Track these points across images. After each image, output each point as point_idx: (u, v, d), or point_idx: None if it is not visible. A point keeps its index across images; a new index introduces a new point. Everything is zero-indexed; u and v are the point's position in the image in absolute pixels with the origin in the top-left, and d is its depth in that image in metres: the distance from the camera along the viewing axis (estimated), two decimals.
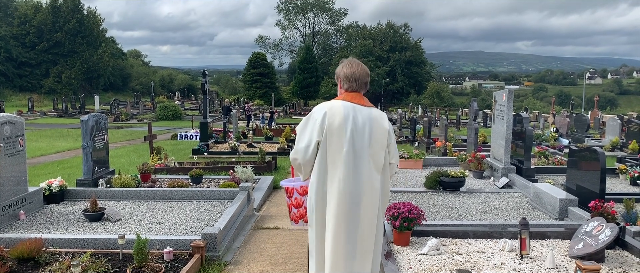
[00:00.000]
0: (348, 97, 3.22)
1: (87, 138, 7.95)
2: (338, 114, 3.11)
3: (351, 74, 3.25)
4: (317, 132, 3.11)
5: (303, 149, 3.15)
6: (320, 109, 3.18)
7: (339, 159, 3.08)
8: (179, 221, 6.10)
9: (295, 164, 3.25)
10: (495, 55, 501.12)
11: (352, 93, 3.25)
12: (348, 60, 3.39)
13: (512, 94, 8.58)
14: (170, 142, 18.70)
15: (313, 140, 3.12)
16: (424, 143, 16.36)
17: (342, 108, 3.14)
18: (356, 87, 3.26)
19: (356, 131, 3.10)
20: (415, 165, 9.83)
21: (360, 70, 3.28)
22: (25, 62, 53.52)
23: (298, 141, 3.20)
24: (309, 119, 3.19)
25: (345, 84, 3.27)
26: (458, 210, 6.83)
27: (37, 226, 5.88)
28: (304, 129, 3.19)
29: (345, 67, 3.30)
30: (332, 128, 3.09)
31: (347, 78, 3.26)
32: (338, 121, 3.09)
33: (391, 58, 69.96)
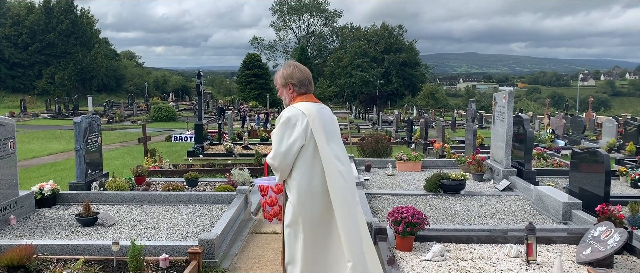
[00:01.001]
0: (308, 98, 3.37)
1: (80, 140, 7.77)
2: (314, 116, 3.25)
3: (304, 78, 3.39)
4: (301, 136, 3.21)
5: (283, 153, 3.22)
6: (297, 114, 3.26)
7: (328, 154, 3.21)
8: (175, 226, 5.94)
9: (273, 168, 3.31)
10: (489, 56, 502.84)
11: (308, 95, 3.40)
12: (293, 64, 3.48)
13: (513, 96, 8.47)
14: (164, 144, 18.51)
15: (296, 144, 3.20)
16: (420, 144, 16.25)
17: (313, 108, 3.29)
18: (310, 90, 3.42)
19: (330, 130, 3.31)
20: (414, 167, 9.70)
21: (307, 73, 3.44)
22: (17, 63, 53.13)
23: (278, 146, 3.24)
24: (286, 124, 3.25)
25: (301, 89, 3.38)
26: (459, 213, 6.70)
27: (28, 232, 5.70)
28: (283, 134, 3.25)
29: (296, 72, 3.40)
30: (315, 129, 3.21)
31: (302, 83, 3.38)
32: (317, 122, 3.23)
33: (386, 59, 69.96)
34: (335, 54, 73.89)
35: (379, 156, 11.72)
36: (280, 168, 3.27)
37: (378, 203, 7.17)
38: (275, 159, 3.26)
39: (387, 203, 7.17)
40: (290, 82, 3.39)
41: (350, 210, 3.22)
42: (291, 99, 3.42)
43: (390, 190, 8.10)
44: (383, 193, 7.73)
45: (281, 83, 3.44)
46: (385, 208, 6.87)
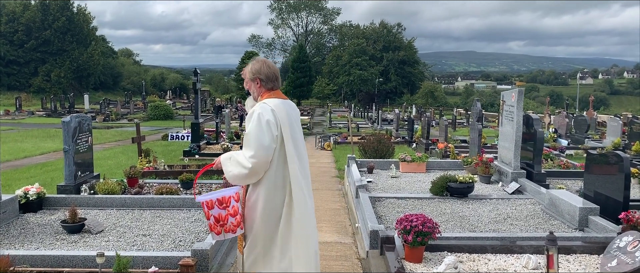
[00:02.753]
0: (276, 95, 3.45)
1: (69, 140, 7.39)
2: (282, 111, 3.34)
3: (272, 74, 3.47)
4: (275, 129, 3.28)
5: (267, 146, 3.24)
6: (267, 109, 3.32)
7: (292, 149, 3.32)
8: (167, 233, 5.57)
9: (259, 164, 3.24)
10: (487, 55, 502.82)
11: (275, 91, 3.49)
12: (261, 60, 3.54)
13: (523, 95, 8.11)
14: (160, 143, 18.14)
15: (274, 135, 3.27)
16: (422, 144, 15.89)
17: (281, 104, 3.38)
18: (277, 86, 3.50)
19: (294, 124, 3.41)
20: (418, 169, 9.33)
21: (276, 69, 3.53)
22: (13, 60, 52.68)
23: (259, 141, 3.24)
24: (259, 121, 3.27)
25: (269, 84, 3.46)
26: (469, 219, 6.34)
27: (10, 239, 5.32)
28: (260, 130, 3.26)
29: (264, 68, 3.47)
30: (283, 123, 3.31)
31: (269, 79, 3.46)
32: (284, 116, 3.33)
33: (384, 58, 69.64)
34: (333, 52, 73.56)
35: (381, 156, 11.35)
36: (258, 168, 3.25)
37: (382, 207, 6.80)
38: (255, 157, 3.22)
39: (391, 207, 6.80)
40: (258, 77, 3.46)
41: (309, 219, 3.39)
42: (259, 94, 3.50)
43: (394, 192, 7.73)
44: (387, 196, 7.36)
45: (249, 78, 3.50)
46: (390, 213, 6.51)
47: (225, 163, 3.35)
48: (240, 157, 3.28)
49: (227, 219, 3.34)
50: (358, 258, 5.42)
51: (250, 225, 3.39)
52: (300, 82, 62.87)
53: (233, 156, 3.34)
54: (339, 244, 5.94)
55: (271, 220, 3.34)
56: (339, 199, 8.59)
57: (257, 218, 3.35)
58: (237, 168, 3.27)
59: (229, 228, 3.35)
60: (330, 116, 33.47)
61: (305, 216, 3.36)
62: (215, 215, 3.30)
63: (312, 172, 11.88)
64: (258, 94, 3.50)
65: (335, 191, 9.27)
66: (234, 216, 3.34)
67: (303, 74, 63.10)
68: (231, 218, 3.34)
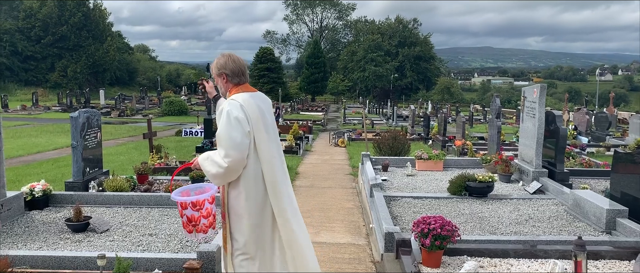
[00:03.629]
0: (244, 89, 3.37)
1: (77, 136, 7.23)
2: (252, 105, 3.26)
3: (238, 69, 3.37)
4: (245, 125, 3.19)
5: (240, 143, 3.15)
6: (236, 106, 3.23)
7: (270, 142, 3.29)
8: (174, 233, 5.38)
9: (235, 163, 3.16)
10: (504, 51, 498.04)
11: (243, 85, 3.40)
12: (227, 55, 3.44)
13: (545, 90, 7.78)
14: (174, 139, 18.06)
15: (246, 131, 3.18)
16: (438, 141, 15.57)
17: (250, 98, 3.30)
18: (245, 80, 3.41)
19: (266, 116, 3.34)
20: (435, 167, 9.04)
21: (243, 63, 3.43)
22: (30, 56, 53.12)
23: (231, 140, 3.15)
24: (229, 118, 3.19)
25: (235, 79, 3.37)
26: (489, 220, 6.06)
27: (13, 238, 5.16)
28: (230, 128, 3.18)
29: (229, 63, 3.38)
30: (254, 118, 3.23)
31: (235, 73, 3.37)
32: (255, 111, 3.25)
33: (400, 53, 69.05)
34: (348, 48, 73.15)
35: (397, 154, 11.06)
36: (235, 167, 3.17)
37: (398, 207, 6.54)
38: (229, 156, 3.14)
39: (407, 207, 6.54)
40: (223, 72, 3.38)
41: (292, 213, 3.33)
42: (227, 90, 3.42)
43: (410, 192, 7.46)
44: (403, 195, 7.09)
45: (215, 73, 3.44)
46: (406, 213, 6.25)
47: (204, 162, 3.28)
48: (216, 157, 3.20)
49: (199, 220, 3.40)
50: (372, 261, 5.17)
51: (236, 222, 3.31)
52: (314, 78, 62.64)
53: (210, 156, 3.27)
54: (352, 246, 5.70)
55: (256, 215, 3.27)
56: (353, 197, 8.34)
57: (242, 215, 3.28)
58: (215, 167, 3.20)
59: (201, 228, 3.42)
60: (345, 112, 33.19)
61: (292, 208, 3.34)
62: (188, 215, 3.36)
63: (325, 169, 11.70)
64: (226, 90, 3.44)
65: (348, 189, 9.02)
66: (206, 218, 3.39)
67: (317, 69, 62.86)
68: (203, 219, 3.39)
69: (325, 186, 9.37)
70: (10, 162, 12.08)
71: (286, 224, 3.28)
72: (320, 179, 10.13)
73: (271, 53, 61.71)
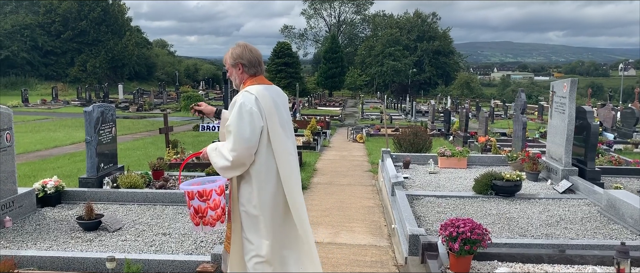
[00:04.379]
0: (259, 81, 3.24)
1: (90, 131, 7.09)
2: (266, 98, 3.13)
3: (254, 60, 3.26)
4: (258, 118, 3.06)
5: (248, 138, 3.03)
6: (250, 98, 3.10)
7: (282, 137, 3.14)
8: (188, 232, 5.17)
9: (241, 157, 3.04)
10: (525, 45, 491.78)
11: (258, 77, 3.27)
12: (242, 45, 3.32)
13: (575, 85, 7.42)
14: (191, 134, 17.95)
15: (257, 126, 3.05)
16: (459, 137, 15.20)
17: (265, 90, 3.17)
18: (260, 71, 3.29)
19: (282, 110, 3.22)
20: (459, 164, 8.72)
21: (258, 54, 3.31)
22: (50, 50, 53.63)
23: (240, 133, 3.03)
24: (241, 111, 3.06)
25: (251, 70, 3.25)
26: (517, 221, 5.75)
27: (23, 236, 5.00)
28: (241, 121, 3.05)
29: (246, 53, 3.25)
30: (268, 111, 3.11)
31: (251, 64, 3.25)
32: (270, 104, 3.13)
33: (418, 48, 68.38)
34: (366, 43, 72.63)
35: (418, 150, 10.74)
36: (241, 161, 3.05)
37: (421, 207, 6.26)
38: (235, 150, 3.03)
39: (431, 207, 6.26)
40: (239, 62, 3.24)
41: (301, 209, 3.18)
42: (241, 81, 3.30)
43: (433, 190, 7.17)
44: (426, 194, 6.81)
45: (230, 63, 3.29)
46: (429, 213, 5.97)
47: (211, 153, 3.17)
48: (224, 149, 3.09)
49: (206, 212, 3.25)
50: (395, 264, 4.90)
51: (248, 222, 3.16)
52: (332, 73, 62.30)
53: (218, 147, 3.15)
54: (374, 248, 5.43)
55: (270, 214, 3.14)
56: (373, 196, 8.07)
57: (255, 216, 3.13)
58: (221, 160, 3.08)
59: (208, 221, 3.27)
60: (363, 107, 32.86)
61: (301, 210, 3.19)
62: (195, 206, 3.22)
63: (344, 165, 11.43)
64: (240, 81, 3.30)
65: (368, 187, 8.75)
66: (213, 209, 3.24)
67: (335, 64, 62.50)
68: (211, 211, 3.24)
69: (344, 183, 9.11)
70: (28, 157, 12.05)
71: (301, 224, 3.17)
72: (339, 176, 9.87)
73: (289, 48, 61.45)
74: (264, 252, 3.12)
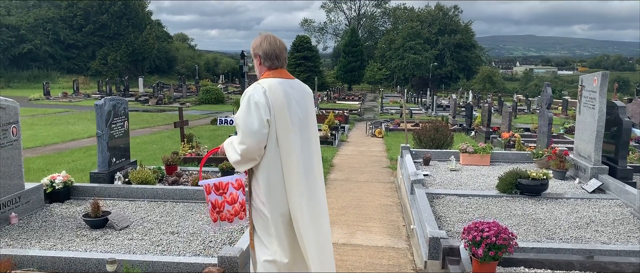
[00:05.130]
0: (277, 74, 3.09)
1: (102, 125, 6.91)
2: (278, 91, 2.98)
3: (271, 52, 3.10)
4: (265, 111, 2.93)
5: (257, 131, 2.92)
6: (258, 90, 2.98)
7: (291, 134, 2.99)
8: (197, 231, 4.96)
9: (249, 151, 2.93)
10: (548, 39, 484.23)
11: (277, 70, 3.12)
12: (264, 35, 3.17)
13: (607, 79, 7.02)
14: (208, 127, 17.83)
15: (263, 119, 2.92)
16: (482, 132, 14.80)
17: (279, 84, 3.02)
18: (278, 64, 3.12)
19: (298, 105, 3.05)
20: (482, 161, 8.38)
21: (279, 46, 3.13)
22: (72, 44, 54.13)
23: (247, 126, 2.93)
24: (249, 103, 2.95)
25: (267, 62, 3.11)
26: (544, 222, 5.43)
27: (27, 234, 4.84)
28: (248, 113, 2.95)
29: (264, 44, 3.11)
30: (277, 106, 2.96)
31: (268, 56, 3.09)
32: (280, 98, 2.97)
33: (440, 41, 67.49)
34: (386, 36, 71.94)
35: (438, 146, 10.40)
36: (250, 155, 2.95)
37: (441, 206, 5.97)
38: (244, 143, 2.93)
39: (452, 206, 5.96)
40: (257, 53, 3.12)
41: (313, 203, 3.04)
42: (260, 73, 3.15)
43: (455, 189, 6.86)
44: (447, 193, 6.51)
45: (252, 54, 3.18)
46: (450, 213, 5.68)
47: (226, 147, 3.09)
48: (235, 142, 3.01)
49: (223, 206, 3.17)
50: (414, 269, 4.63)
51: (256, 216, 3.09)
52: (351, 67, 61.88)
53: (232, 141, 3.06)
54: (391, 250, 5.16)
55: (276, 211, 3.02)
56: (391, 193, 7.79)
57: (261, 210, 3.05)
58: (233, 154, 3.00)
59: (225, 216, 3.19)
60: (382, 101, 32.47)
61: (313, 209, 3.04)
62: (212, 200, 3.15)
63: (362, 161, 11.16)
64: (260, 73, 3.16)
65: (386, 184, 8.47)
66: (231, 204, 3.17)
67: (355, 58, 62.05)
68: (228, 205, 3.17)
69: (361, 180, 8.84)
70: (44, 150, 12.01)
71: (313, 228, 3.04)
72: (356, 172, 9.60)
73: (308, 42, 61.12)
74: (271, 252, 3.03)
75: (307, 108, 3.13)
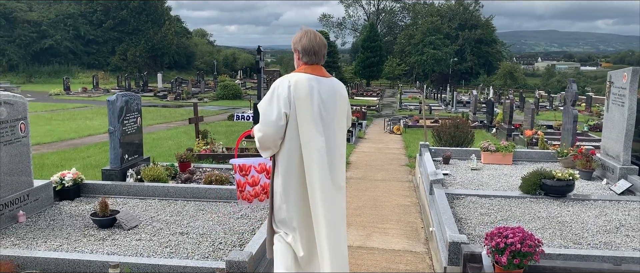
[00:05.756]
0: (309, 69, 3.11)
1: (114, 121, 6.82)
2: (302, 86, 3.02)
3: (310, 48, 3.11)
4: (284, 104, 2.98)
5: (273, 121, 2.98)
6: (284, 83, 3.04)
7: (311, 130, 3.01)
8: (207, 231, 4.79)
9: (264, 139, 3.03)
10: (570, 34, 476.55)
11: (312, 66, 3.13)
12: (304, 31, 3.19)
13: (638, 75, 6.70)
14: (225, 123, 17.76)
15: (281, 111, 2.98)
16: (503, 129, 14.45)
17: (306, 80, 3.05)
18: (316, 60, 3.14)
19: (322, 102, 3.06)
20: (504, 160, 8.09)
21: (318, 42, 3.14)
22: (92, 39, 54.66)
23: (266, 115, 3.01)
24: (273, 93, 3.03)
25: (305, 58, 3.13)
26: (570, 226, 5.15)
27: (34, 233, 4.72)
28: (269, 103, 3.03)
29: (304, 40, 3.12)
30: (299, 100, 3.00)
31: (306, 51, 3.12)
32: (304, 92, 3.01)
33: (460, 36, 66.71)
34: (406, 31, 71.31)
35: (459, 144, 10.11)
36: (273, 138, 3.02)
37: (462, 207, 5.72)
38: (261, 131, 3.03)
39: (473, 208, 5.71)
40: (296, 48, 3.15)
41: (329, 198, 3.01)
42: (297, 67, 3.17)
43: (476, 189, 6.60)
44: (467, 193, 6.25)
45: (292, 48, 3.21)
46: (471, 215, 5.43)
47: (255, 131, 3.15)
48: (255, 129, 3.11)
49: (244, 187, 3.35)
50: None
51: (274, 204, 3.16)
52: (370, 62, 61.50)
53: (255, 127, 3.15)
54: (409, 254, 4.94)
55: (291, 204, 3.08)
56: (409, 193, 7.55)
57: (276, 199, 3.14)
58: (256, 138, 3.10)
59: (245, 196, 3.38)
60: (401, 97, 32.12)
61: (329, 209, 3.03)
62: (237, 178, 3.40)
63: (379, 158, 10.92)
64: (297, 67, 3.17)
65: (404, 183, 8.23)
66: (252, 186, 3.34)
67: (373, 53, 61.65)
68: (248, 187, 3.34)
69: (378, 178, 8.61)
70: (60, 145, 12.00)
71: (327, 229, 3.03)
72: (373, 170, 9.37)
73: (327, 37, 60.82)
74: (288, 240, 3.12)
75: (335, 106, 3.11)
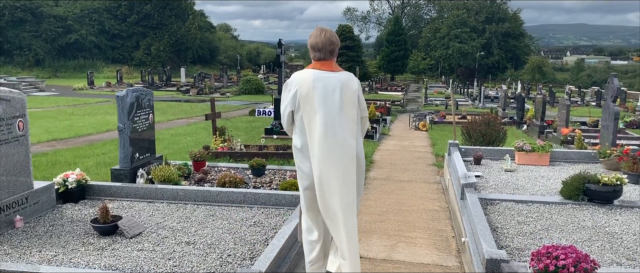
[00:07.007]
0: (317, 65, 3.36)
1: (124, 118, 6.44)
2: (306, 82, 3.29)
3: (315, 44, 3.34)
4: (290, 102, 3.36)
5: (282, 114, 3.50)
6: (292, 79, 3.37)
7: (314, 124, 3.25)
8: (216, 241, 4.36)
9: (283, 126, 3.57)
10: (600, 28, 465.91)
11: (321, 62, 3.36)
12: (319, 28, 3.39)
13: None
14: (246, 118, 17.41)
15: (287, 109, 3.40)
16: (535, 126, 13.76)
17: (311, 75, 3.31)
18: (322, 56, 3.35)
19: (326, 96, 3.27)
20: (540, 161, 7.49)
21: (323, 39, 3.31)
22: (117, 34, 54.99)
23: (282, 108, 3.48)
24: (285, 88, 3.36)
25: (313, 54, 3.37)
26: (621, 238, 4.59)
27: (30, 241, 4.36)
28: (282, 98, 3.46)
29: (311, 38, 3.36)
30: (302, 96, 3.28)
31: (312, 48, 3.37)
32: (306, 88, 3.27)
33: (487, 30, 65.31)
34: (431, 25, 70.16)
35: (490, 143, 9.51)
36: (285, 128, 3.57)
37: (497, 214, 5.19)
38: (282, 120, 3.54)
39: (509, 215, 5.18)
40: (308, 44, 3.40)
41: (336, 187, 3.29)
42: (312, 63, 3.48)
43: (511, 193, 6.05)
44: (502, 198, 5.71)
45: None
46: (508, 224, 4.90)
47: None
48: None
49: None
50: None
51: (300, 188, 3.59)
52: (394, 57, 60.65)
53: None
54: (439, 268, 4.44)
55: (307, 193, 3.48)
56: (438, 196, 7.03)
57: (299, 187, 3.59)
58: None
59: None
60: (426, 92, 31.40)
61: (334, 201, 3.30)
62: None
63: (404, 157, 10.38)
64: None
65: (432, 185, 7.70)
66: None
67: (398, 47, 60.77)
68: None
69: (403, 179, 8.10)
70: (76, 141, 11.76)
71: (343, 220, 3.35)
72: (398, 170, 8.86)
73: (350, 31, 60.09)
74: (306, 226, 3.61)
75: (341, 99, 3.29)
